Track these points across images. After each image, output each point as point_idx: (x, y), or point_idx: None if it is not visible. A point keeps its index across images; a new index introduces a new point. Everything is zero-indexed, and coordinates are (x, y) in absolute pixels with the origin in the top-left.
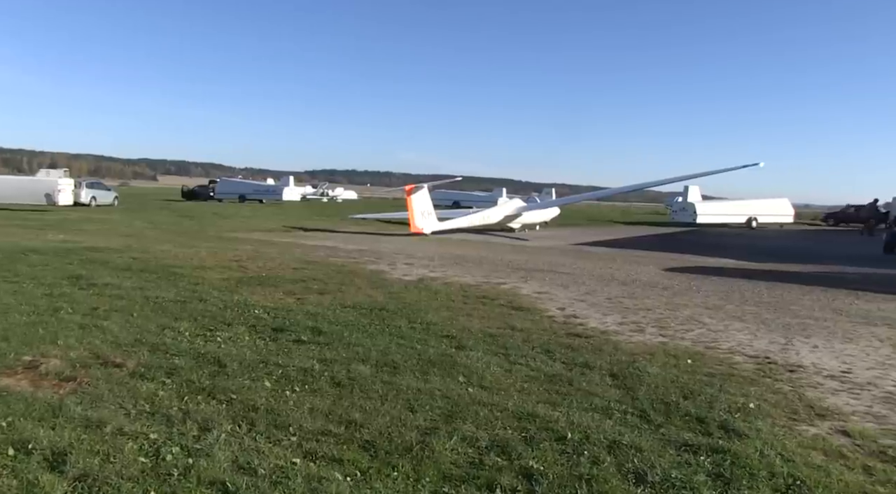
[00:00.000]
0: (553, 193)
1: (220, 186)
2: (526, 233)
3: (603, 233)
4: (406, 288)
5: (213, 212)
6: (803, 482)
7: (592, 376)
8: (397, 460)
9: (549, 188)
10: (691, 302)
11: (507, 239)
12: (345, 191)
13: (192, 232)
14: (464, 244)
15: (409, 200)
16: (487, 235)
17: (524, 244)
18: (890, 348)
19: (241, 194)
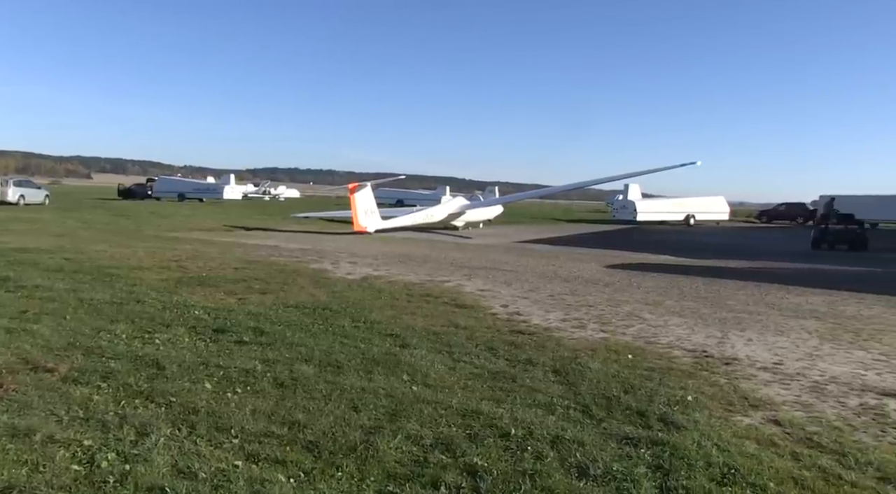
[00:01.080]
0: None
1: (158, 185)
2: (469, 231)
3: (545, 230)
4: (349, 287)
5: (151, 212)
6: (738, 470)
7: (535, 372)
8: (341, 460)
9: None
10: (632, 299)
11: (451, 237)
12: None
13: (129, 231)
14: (407, 242)
15: (353, 199)
16: (431, 233)
17: (468, 242)
18: (817, 339)
19: (180, 193)
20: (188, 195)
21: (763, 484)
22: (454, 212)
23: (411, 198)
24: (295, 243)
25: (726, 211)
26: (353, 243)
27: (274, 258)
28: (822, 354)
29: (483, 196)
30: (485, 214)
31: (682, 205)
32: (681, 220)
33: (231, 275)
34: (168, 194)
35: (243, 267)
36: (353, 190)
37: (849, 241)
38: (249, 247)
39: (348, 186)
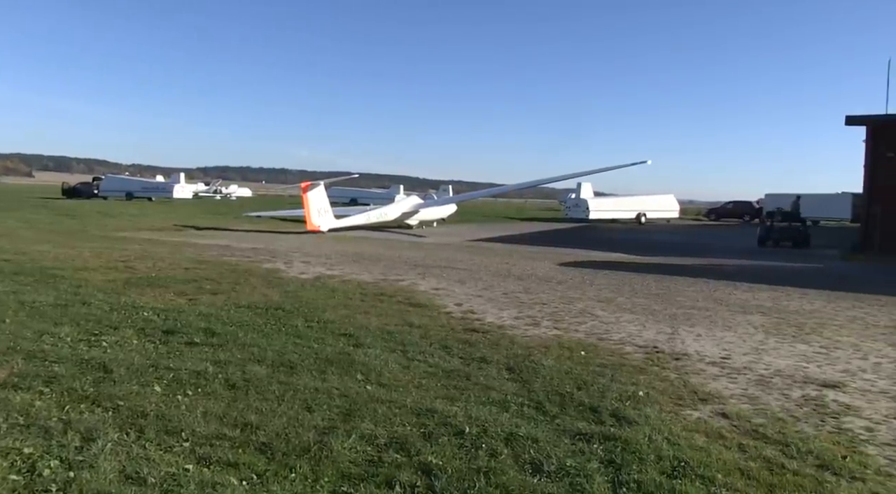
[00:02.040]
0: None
1: (105, 183)
2: (423, 230)
3: (499, 229)
4: (303, 287)
5: (98, 211)
6: (687, 463)
7: (489, 370)
8: (295, 461)
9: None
10: (584, 296)
11: (405, 236)
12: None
13: (74, 231)
14: (361, 241)
15: (306, 198)
16: (385, 232)
17: (421, 241)
18: (763, 334)
19: (128, 192)
20: (136, 194)
21: (711, 476)
22: (408, 210)
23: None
24: (247, 242)
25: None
26: (306, 242)
27: (226, 258)
28: (768, 348)
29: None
30: (438, 213)
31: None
32: (632, 218)
33: (181, 276)
34: (115, 193)
35: (194, 267)
36: (306, 189)
37: (793, 238)
38: (200, 246)
39: (301, 185)
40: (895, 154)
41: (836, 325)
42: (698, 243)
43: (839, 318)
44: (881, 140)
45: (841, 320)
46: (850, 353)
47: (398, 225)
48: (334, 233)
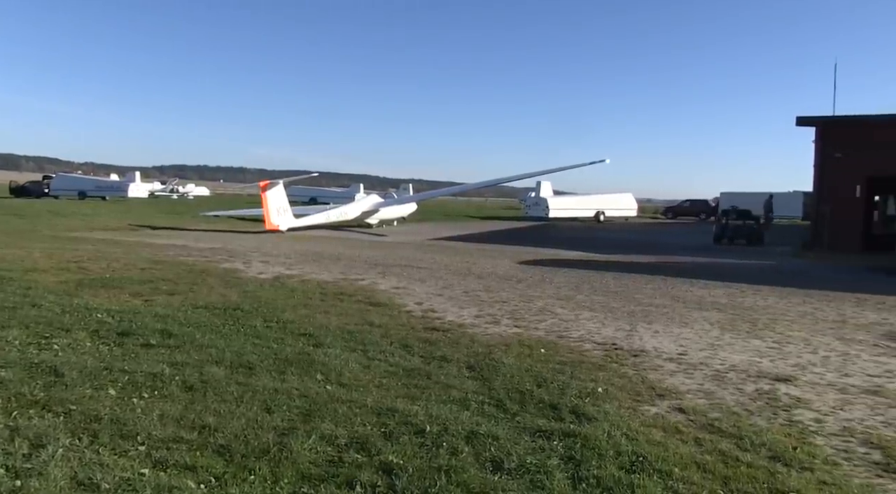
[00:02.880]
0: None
1: (56, 182)
2: (383, 229)
3: (459, 228)
4: (262, 287)
5: (49, 210)
6: (645, 457)
7: (450, 369)
8: (254, 463)
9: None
10: (544, 294)
11: (365, 235)
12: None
13: (24, 231)
14: (321, 241)
15: (265, 197)
16: (345, 232)
17: (382, 240)
18: (719, 330)
19: (80, 191)
20: (90, 193)
21: (669, 470)
22: (368, 209)
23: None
24: (205, 242)
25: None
26: (265, 242)
27: (183, 258)
28: (723, 344)
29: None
30: (399, 212)
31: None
32: (591, 217)
33: (137, 276)
34: (67, 192)
35: (150, 268)
36: (264, 188)
37: (746, 236)
38: (157, 246)
39: (260, 184)
40: (843, 154)
41: (787, 321)
42: (656, 241)
43: (791, 314)
44: (829, 141)
45: (792, 315)
46: (801, 348)
47: (358, 224)
48: (294, 232)
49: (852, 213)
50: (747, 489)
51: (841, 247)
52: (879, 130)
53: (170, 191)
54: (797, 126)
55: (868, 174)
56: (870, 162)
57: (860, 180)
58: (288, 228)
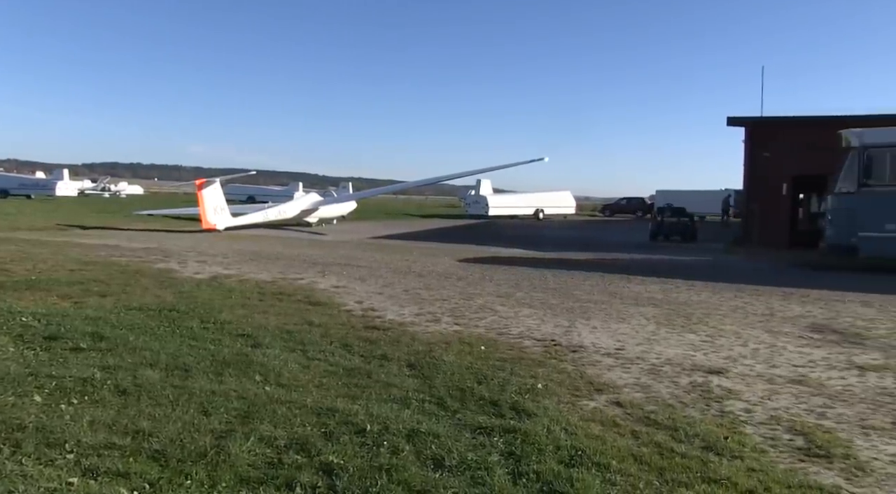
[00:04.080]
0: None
1: None
2: (323, 228)
3: (400, 226)
4: (198, 287)
5: None
6: (584, 451)
7: (391, 367)
8: (190, 467)
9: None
10: (484, 292)
11: (304, 233)
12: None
13: None
14: (259, 239)
15: (201, 195)
16: (284, 230)
17: (321, 238)
18: (655, 325)
19: (2, 189)
20: (13, 191)
21: (607, 463)
22: (307, 208)
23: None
24: (138, 242)
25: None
26: (201, 241)
27: (115, 258)
28: (659, 338)
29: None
30: (338, 210)
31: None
32: (531, 215)
33: (66, 278)
34: None
35: (80, 269)
36: (200, 186)
37: (681, 233)
38: (87, 246)
39: (196, 182)
40: (770, 154)
41: (720, 315)
42: (594, 238)
43: (723, 308)
44: (758, 140)
45: (724, 310)
46: (733, 341)
47: (297, 222)
48: (231, 231)
49: (780, 211)
50: (681, 479)
51: (769, 243)
52: (804, 131)
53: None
54: (728, 126)
55: (794, 173)
56: (795, 161)
57: (786, 179)
58: (225, 227)
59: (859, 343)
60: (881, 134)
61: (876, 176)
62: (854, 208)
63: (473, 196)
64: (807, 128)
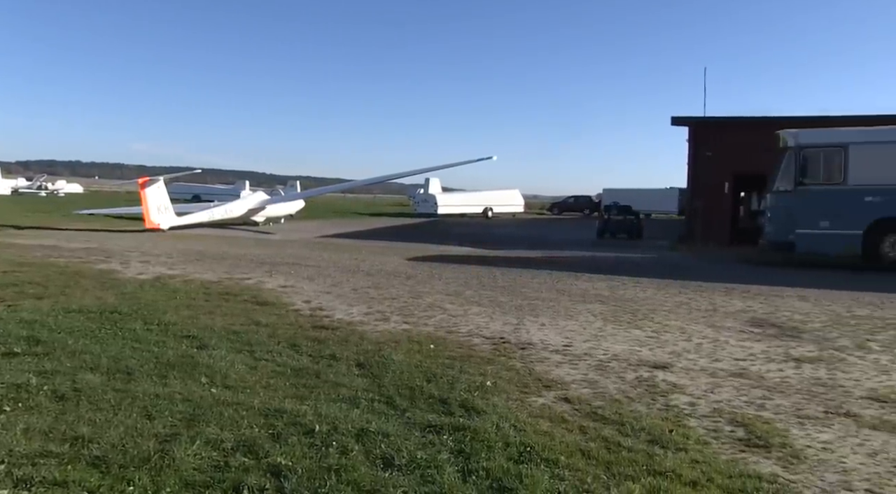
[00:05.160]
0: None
1: None
2: (270, 227)
3: (348, 225)
4: (141, 288)
5: None
6: (533, 448)
7: (339, 367)
8: (133, 473)
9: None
10: (433, 290)
11: (251, 233)
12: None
13: None
14: (205, 239)
15: (144, 194)
16: (230, 230)
17: (269, 238)
18: (602, 321)
19: None
20: None
21: (555, 459)
22: (254, 207)
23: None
24: (78, 242)
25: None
26: (144, 241)
27: (53, 259)
28: (606, 335)
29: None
30: (286, 209)
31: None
32: (480, 213)
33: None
34: None
35: (14, 270)
36: (143, 184)
37: (627, 231)
38: (22, 247)
39: (139, 181)
40: (712, 153)
41: (665, 311)
42: (542, 236)
43: (668, 304)
44: (701, 140)
45: (669, 306)
46: (677, 336)
47: (244, 222)
48: (176, 231)
49: (721, 208)
50: (628, 472)
51: (712, 239)
52: (744, 131)
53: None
54: (672, 125)
55: (735, 172)
56: (736, 160)
57: (728, 177)
58: (169, 227)
59: (796, 336)
60: (816, 134)
61: (811, 175)
62: (791, 206)
63: (422, 194)
64: (747, 129)
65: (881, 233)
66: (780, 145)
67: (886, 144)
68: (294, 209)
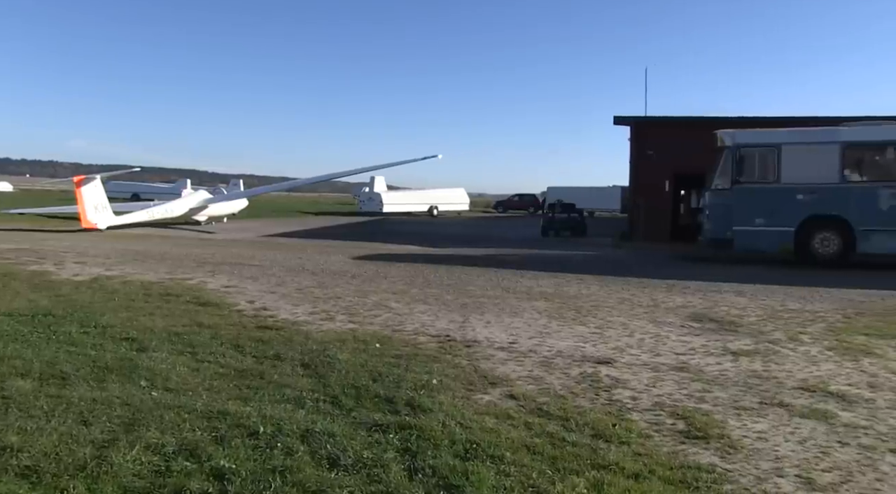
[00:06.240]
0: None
1: None
2: (213, 226)
3: (293, 224)
4: (77, 290)
5: None
6: (479, 444)
7: (284, 367)
8: (67, 482)
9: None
10: (379, 289)
11: (193, 232)
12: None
13: None
14: (145, 239)
15: (80, 193)
16: (171, 229)
17: (211, 237)
18: (546, 318)
19: None
20: None
21: (501, 455)
22: (196, 206)
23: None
24: (8, 243)
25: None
26: (80, 241)
27: None
28: (551, 331)
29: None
30: (229, 208)
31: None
32: (425, 211)
33: None
34: None
35: None
36: (79, 183)
37: (571, 228)
38: None
39: (74, 179)
40: (653, 152)
41: (608, 307)
42: (487, 234)
43: (611, 300)
44: (643, 139)
45: (612, 302)
46: (620, 332)
47: (185, 221)
48: (114, 230)
49: (662, 206)
50: (572, 466)
51: (653, 237)
52: (683, 130)
53: None
54: (614, 125)
55: (675, 170)
56: (676, 159)
57: (668, 176)
58: (107, 226)
59: (734, 330)
60: (752, 135)
61: (747, 173)
62: (728, 204)
63: (367, 193)
64: (686, 128)
65: (812, 229)
66: (718, 144)
67: (816, 145)
68: (237, 208)
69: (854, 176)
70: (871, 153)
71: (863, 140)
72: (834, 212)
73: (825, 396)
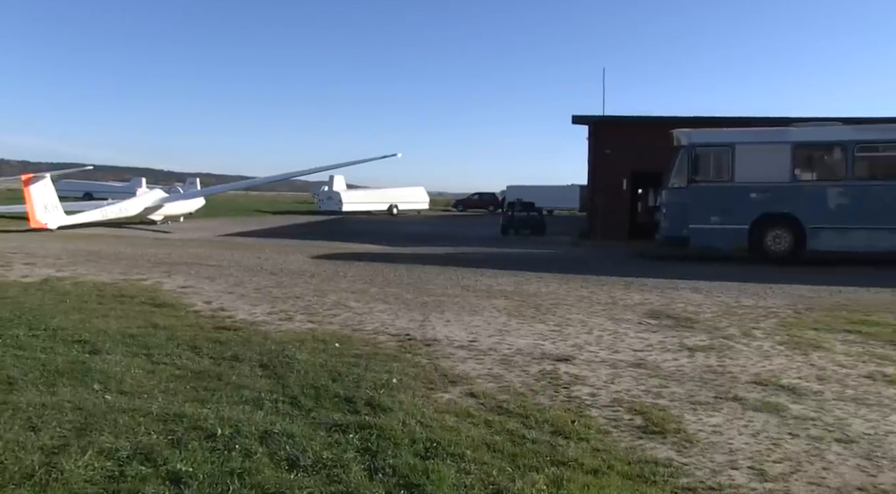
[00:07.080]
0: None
1: None
2: (169, 226)
3: (251, 223)
4: (26, 291)
5: None
6: (439, 443)
7: (242, 368)
8: (14, 491)
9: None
10: (338, 288)
11: (148, 232)
12: None
13: None
14: (98, 239)
15: (28, 191)
16: (126, 229)
17: (167, 237)
18: (506, 316)
19: None
20: None
21: (461, 453)
22: (151, 205)
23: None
24: None
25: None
26: (30, 241)
27: None
28: (510, 329)
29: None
30: (185, 207)
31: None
32: (385, 210)
33: None
34: None
35: None
36: (28, 182)
37: (531, 227)
38: None
39: (22, 178)
40: (611, 151)
41: (567, 305)
42: (447, 233)
43: (570, 298)
44: (600, 138)
45: (571, 300)
46: (579, 329)
47: (140, 220)
48: (65, 230)
49: (620, 205)
50: (532, 463)
51: (611, 235)
52: (640, 130)
53: None
54: (573, 124)
55: (632, 169)
56: (633, 158)
57: (626, 175)
58: (58, 226)
59: (690, 326)
60: (707, 134)
61: (702, 172)
62: (684, 202)
63: (326, 192)
64: (644, 128)
65: (764, 227)
66: (674, 144)
67: (768, 144)
68: (193, 207)
69: (804, 175)
70: (820, 153)
71: (812, 140)
72: (785, 210)
73: (777, 390)
